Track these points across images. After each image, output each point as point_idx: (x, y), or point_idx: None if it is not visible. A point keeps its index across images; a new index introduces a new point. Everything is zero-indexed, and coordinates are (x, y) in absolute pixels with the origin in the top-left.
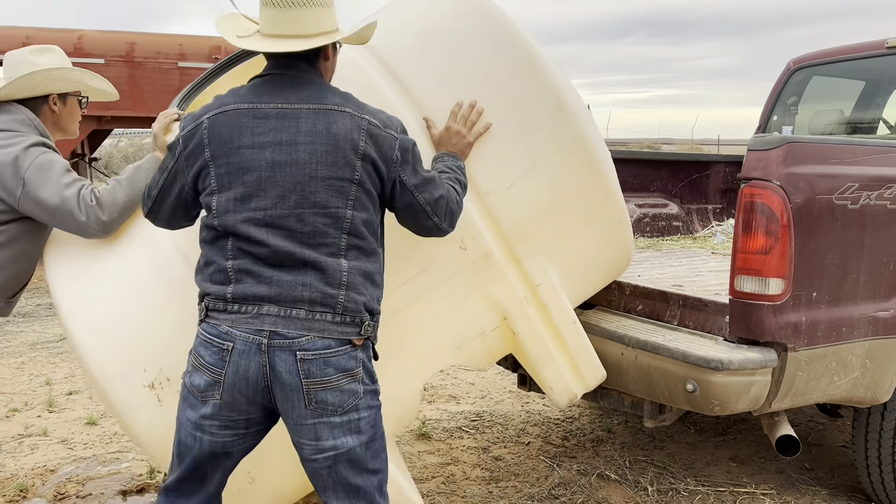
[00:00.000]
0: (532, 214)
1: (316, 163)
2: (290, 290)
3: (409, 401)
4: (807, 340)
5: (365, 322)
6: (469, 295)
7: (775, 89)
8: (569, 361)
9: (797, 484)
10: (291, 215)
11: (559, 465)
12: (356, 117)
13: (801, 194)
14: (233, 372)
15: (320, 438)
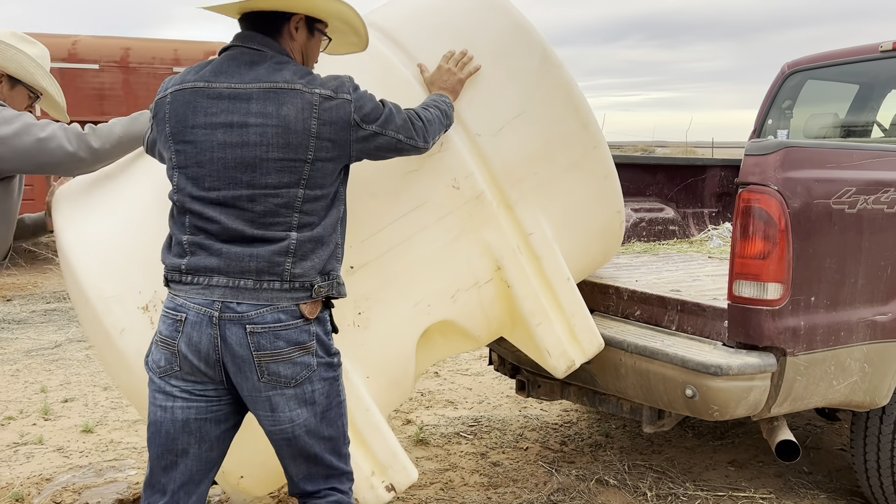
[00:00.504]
0: (522, 159)
1: (267, 144)
2: (238, 262)
3: (399, 356)
4: (806, 345)
5: (315, 285)
6: (463, 237)
7: (770, 93)
8: (564, 322)
9: (796, 488)
10: (243, 196)
11: (558, 470)
12: (306, 94)
13: (799, 199)
14: (185, 343)
15: (276, 410)
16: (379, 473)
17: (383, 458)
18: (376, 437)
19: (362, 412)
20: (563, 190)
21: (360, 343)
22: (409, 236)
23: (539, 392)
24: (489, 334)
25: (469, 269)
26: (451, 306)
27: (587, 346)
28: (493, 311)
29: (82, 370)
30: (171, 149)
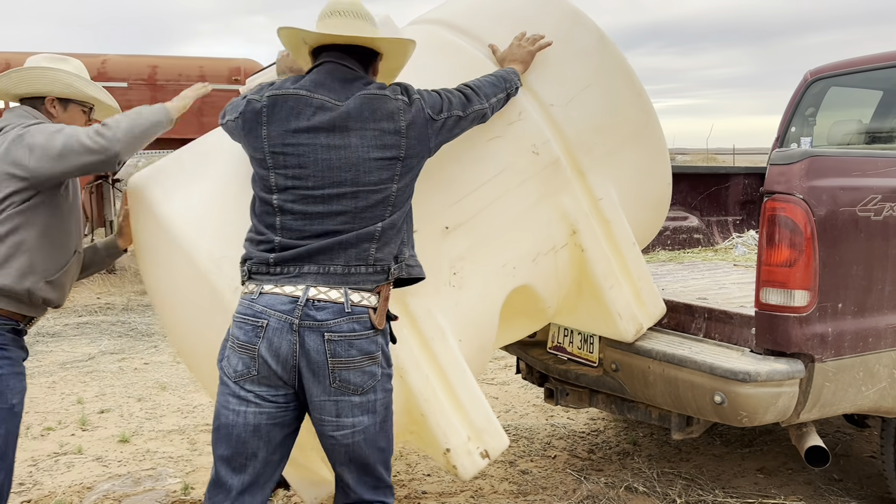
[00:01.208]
0: (591, 128)
1: (367, 146)
2: (329, 251)
3: (487, 321)
4: (834, 351)
5: (391, 269)
6: (542, 201)
7: (793, 101)
8: (632, 286)
9: (826, 495)
10: (348, 194)
11: (586, 477)
12: (392, 100)
13: (824, 207)
14: (266, 347)
15: (341, 416)
16: (475, 439)
17: (479, 422)
18: (473, 400)
19: (460, 374)
20: (626, 159)
21: (456, 303)
22: (495, 199)
23: (567, 400)
24: (557, 305)
25: (548, 233)
26: (533, 269)
27: (652, 309)
28: (565, 277)
29: (116, 382)
30: (266, 151)
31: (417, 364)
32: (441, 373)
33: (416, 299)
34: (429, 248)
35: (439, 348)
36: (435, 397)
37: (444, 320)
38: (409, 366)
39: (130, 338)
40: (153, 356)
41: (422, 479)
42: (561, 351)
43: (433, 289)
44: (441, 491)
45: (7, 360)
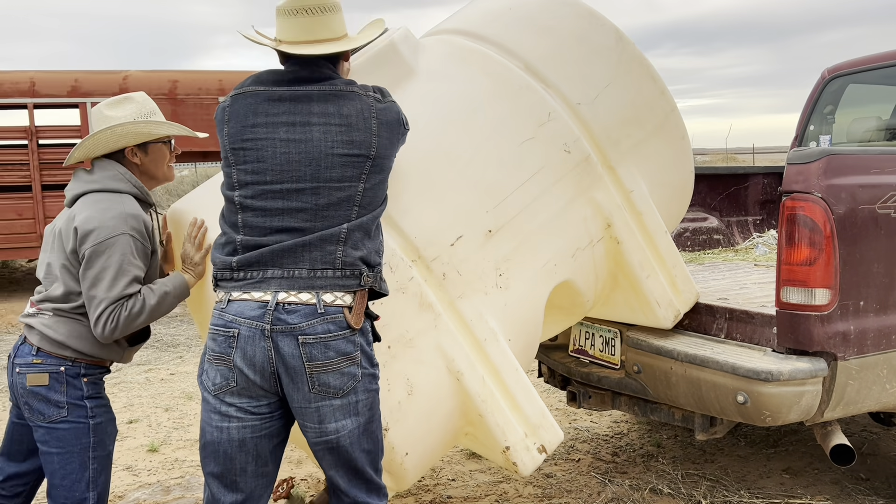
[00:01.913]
0: (617, 122)
1: (331, 142)
2: (292, 253)
3: (533, 319)
4: (856, 349)
5: (363, 273)
6: (577, 198)
7: (811, 99)
8: (667, 274)
9: (853, 494)
10: (307, 189)
11: (611, 480)
12: (363, 97)
13: (843, 205)
14: (240, 357)
15: (323, 421)
16: (531, 434)
17: (534, 418)
18: (526, 397)
19: (513, 373)
20: (652, 151)
21: (504, 304)
22: (534, 199)
23: (590, 403)
24: (594, 298)
25: (585, 228)
26: (572, 265)
27: (687, 295)
28: (602, 270)
29: (143, 392)
30: (227, 148)
31: (473, 366)
32: (496, 373)
33: (467, 303)
34: (474, 252)
35: (492, 349)
36: (492, 398)
37: (494, 322)
38: (465, 368)
39: (156, 349)
40: (179, 367)
41: (447, 484)
42: (583, 354)
43: (482, 292)
44: (466, 496)
45: (103, 409)
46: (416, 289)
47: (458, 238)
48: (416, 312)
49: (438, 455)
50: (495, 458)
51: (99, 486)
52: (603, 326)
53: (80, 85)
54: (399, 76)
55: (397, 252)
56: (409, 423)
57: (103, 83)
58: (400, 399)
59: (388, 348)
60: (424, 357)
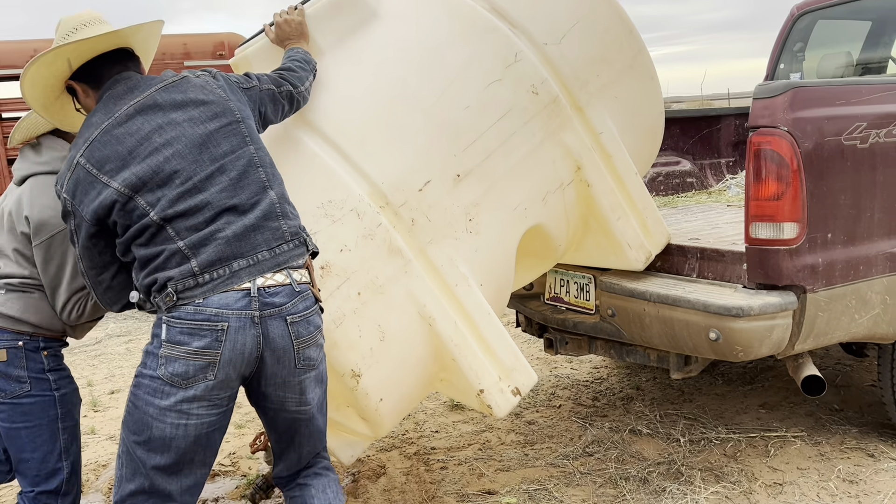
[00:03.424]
0: (585, 62)
1: (202, 122)
2: (246, 239)
3: (504, 264)
4: (825, 281)
5: (305, 239)
6: (547, 141)
7: (780, 37)
8: (638, 216)
9: (827, 425)
10: (215, 171)
11: (591, 424)
12: (194, 77)
13: (810, 138)
14: (230, 349)
15: (305, 392)
16: (505, 377)
17: (507, 360)
18: (500, 341)
19: (485, 317)
20: (621, 91)
21: (475, 249)
22: (502, 142)
23: (567, 349)
24: (566, 243)
25: (555, 171)
26: (543, 209)
27: (658, 237)
28: (573, 214)
29: (124, 363)
30: (114, 188)
31: (444, 311)
32: (468, 317)
33: (437, 249)
34: (443, 197)
35: (464, 294)
36: (465, 342)
37: (465, 267)
38: (437, 313)
39: (136, 320)
40: None
41: (430, 436)
42: (558, 301)
43: (452, 237)
44: (449, 446)
45: (66, 380)
46: (384, 235)
47: (425, 183)
48: (385, 259)
49: (415, 401)
50: (470, 402)
51: (71, 455)
52: (577, 273)
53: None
54: (362, 19)
55: (364, 198)
56: (382, 369)
57: None
58: (372, 345)
59: (359, 294)
60: (395, 303)
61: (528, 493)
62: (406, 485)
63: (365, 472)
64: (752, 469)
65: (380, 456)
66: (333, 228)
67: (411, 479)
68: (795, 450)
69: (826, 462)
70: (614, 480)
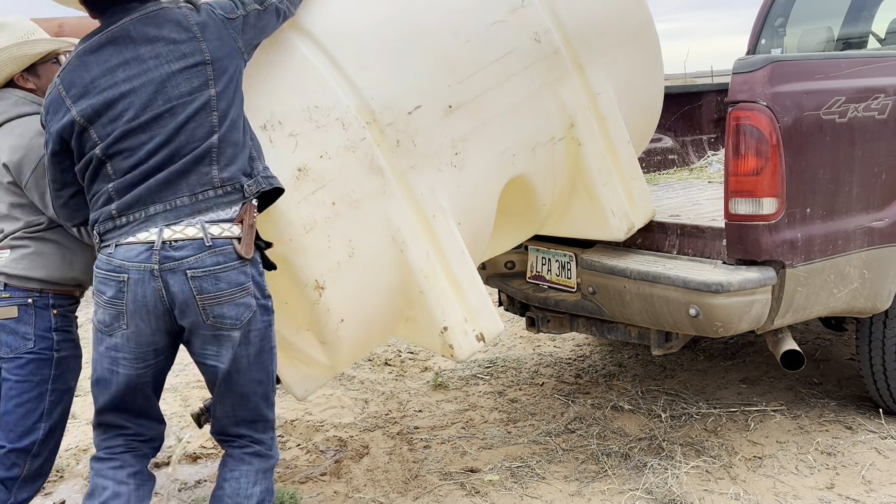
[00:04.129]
0: (591, 22)
1: (167, 60)
2: (169, 185)
3: (485, 207)
4: (804, 256)
5: (244, 187)
6: (543, 90)
7: (761, 12)
8: (625, 185)
9: (806, 398)
10: (164, 113)
11: (574, 401)
12: (175, 9)
13: (789, 113)
14: (132, 301)
15: (221, 346)
16: (471, 320)
17: (475, 303)
18: (470, 281)
19: (458, 255)
20: (623, 59)
21: (457, 185)
22: (498, 83)
23: (549, 327)
24: (550, 204)
25: (548, 123)
26: (531, 159)
27: (643, 210)
28: (560, 173)
29: None
30: (73, 115)
31: (418, 240)
32: (441, 252)
33: (418, 176)
34: (432, 125)
35: (440, 226)
36: (434, 275)
37: (445, 200)
38: (410, 240)
39: None
40: None
41: (413, 415)
42: (540, 280)
43: (436, 167)
44: (433, 425)
45: (71, 344)
46: (367, 150)
47: (416, 107)
48: (365, 174)
49: (376, 335)
50: (432, 343)
51: (53, 418)
52: (559, 251)
53: None
54: None
55: (352, 110)
56: (347, 286)
57: None
58: (339, 259)
59: (333, 204)
60: (369, 221)
61: (510, 471)
62: (389, 464)
63: (348, 452)
64: (732, 443)
65: (363, 436)
66: (316, 133)
67: (394, 459)
68: (775, 423)
69: (805, 435)
70: (596, 456)
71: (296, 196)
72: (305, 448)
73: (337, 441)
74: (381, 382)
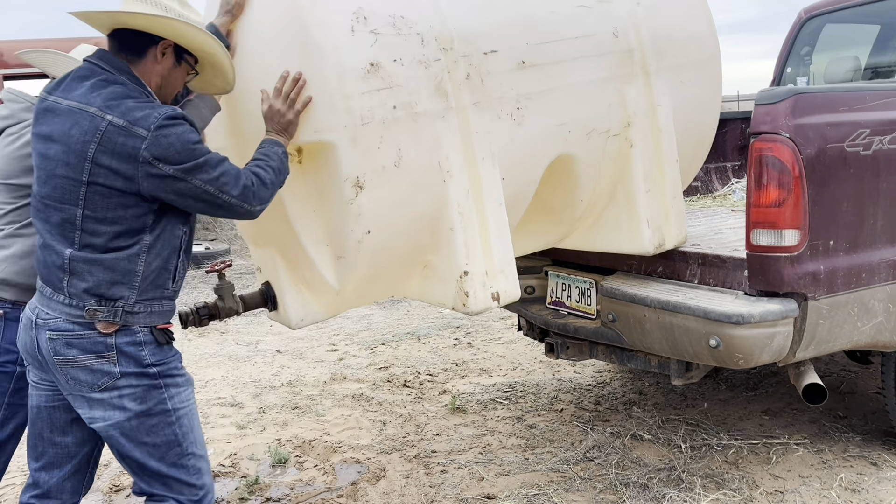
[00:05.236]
0: (666, 36)
1: (57, 161)
2: (45, 271)
3: (531, 170)
4: (827, 288)
5: (87, 307)
6: (610, 82)
7: (787, 41)
8: (664, 201)
9: (830, 432)
10: (45, 206)
11: (592, 428)
12: (94, 117)
13: (812, 144)
14: (20, 341)
15: (90, 408)
16: (491, 276)
17: (499, 261)
18: (499, 236)
19: (496, 205)
20: (688, 80)
21: (511, 138)
22: (572, 58)
23: (568, 353)
24: (588, 202)
25: (608, 114)
26: (584, 143)
27: (677, 232)
28: (606, 172)
29: None
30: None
31: (462, 175)
32: (480, 195)
33: (479, 115)
34: (503, 73)
35: (486, 171)
36: (469, 215)
37: (496, 147)
38: (455, 172)
39: None
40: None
41: (431, 439)
42: (560, 305)
43: (495, 113)
44: (450, 449)
45: None
46: (438, 71)
47: (492, 51)
48: (430, 92)
49: (391, 271)
50: (446, 294)
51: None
52: (579, 277)
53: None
54: None
55: (434, 30)
56: (384, 194)
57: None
58: (385, 164)
59: (394, 108)
60: (422, 139)
61: (527, 499)
62: (406, 488)
63: (365, 475)
64: (753, 476)
65: (380, 458)
66: (396, 39)
67: (411, 483)
68: (798, 457)
69: (828, 470)
70: (614, 486)
71: (362, 87)
72: (322, 469)
73: (354, 462)
74: (400, 404)
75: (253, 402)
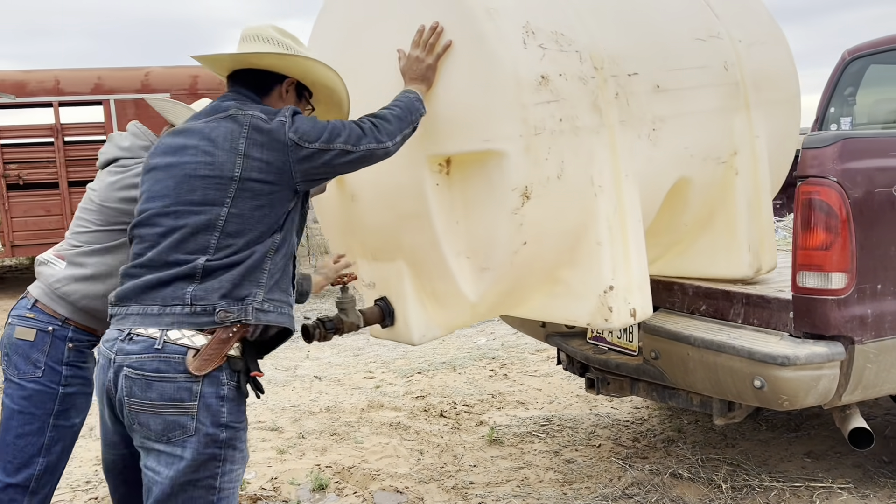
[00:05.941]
0: (762, 74)
1: (197, 164)
2: (149, 290)
3: (657, 191)
4: (874, 332)
5: (218, 310)
6: (723, 112)
7: (831, 81)
8: (760, 229)
9: (875, 477)
10: (170, 212)
11: (631, 465)
12: (239, 116)
13: (859, 188)
14: (97, 383)
15: (145, 458)
16: (630, 292)
17: (637, 278)
18: (638, 253)
19: (636, 222)
20: (779, 116)
21: (648, 158)
22: (696, 86)
23: (608, 389)
24: (690, 225)
25: (721, 141)
26: (701, 167)
27: (770, 258)
28: (710, 197)
29: None
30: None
31: (611, 192)
32: (623, 213)
33: (624, 133)
34: (642, 94)
35: (628, 188)
36: (616, 229)
37: (637, 166)
38: (606, 188)
39: None
40: None
41: (468, 470)
42: (601, 341)
43: (636, 133)
44: (487, 481)
45: (80, 380)
46: (594, 88)
47: (634, 73)
48: (588, 107)
49: (525, 285)
50: (580, 310)
51: (52, 455)
52: None
53: (103, 82)
54: None
55: (589, 48)
56: (545, 206)
57: (126, 80)
58: (550, 175)
59: (560, 121)
60: (581, 152)
61: None
62: None
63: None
64: None
65: (418, 488)
66: (559, 55)
67: None
68: (841, 501)
69: None
70: None
71: (535, 98)
72: (362, 496)
73: (394, 491)
74: (437, 434)
75: (292, 427)
